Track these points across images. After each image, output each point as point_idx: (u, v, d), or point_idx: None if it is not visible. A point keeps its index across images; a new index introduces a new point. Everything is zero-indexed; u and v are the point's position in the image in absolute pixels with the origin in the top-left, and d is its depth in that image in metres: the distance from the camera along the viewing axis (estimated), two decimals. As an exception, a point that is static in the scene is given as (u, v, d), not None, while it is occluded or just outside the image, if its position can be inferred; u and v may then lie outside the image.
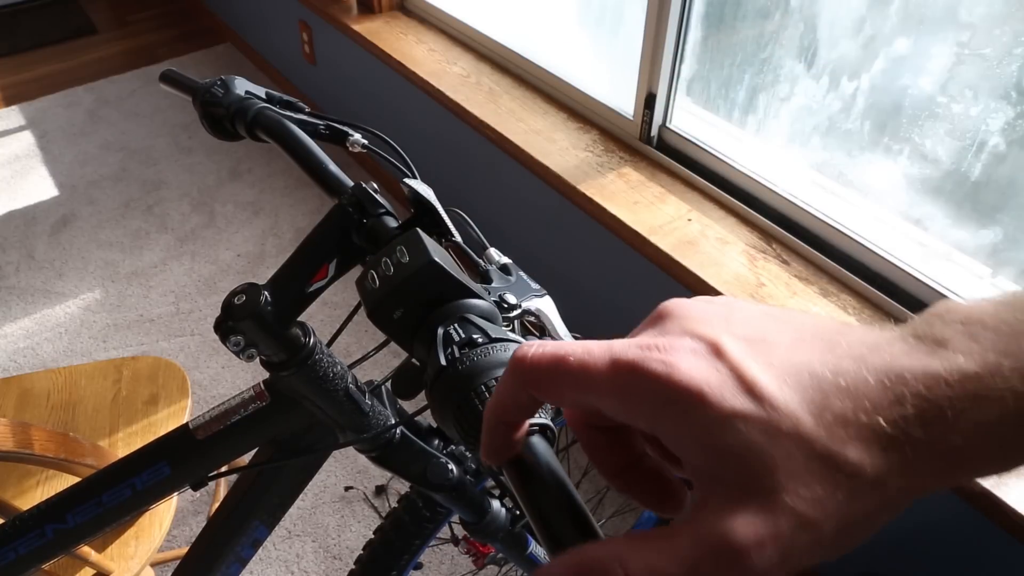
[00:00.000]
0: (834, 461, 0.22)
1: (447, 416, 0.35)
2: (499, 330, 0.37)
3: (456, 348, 0.35)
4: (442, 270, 0.39)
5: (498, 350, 0.35)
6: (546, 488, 0.29)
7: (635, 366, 0.24)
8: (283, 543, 1.54)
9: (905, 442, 0.23)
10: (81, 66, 3.12)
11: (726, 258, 1.23)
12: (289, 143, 0.62)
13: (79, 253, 2.25)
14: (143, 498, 0.57)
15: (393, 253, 0.39)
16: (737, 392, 0.23)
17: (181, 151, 2.64)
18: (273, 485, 0.65)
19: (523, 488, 0.30)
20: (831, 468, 0.22)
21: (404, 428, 0.63)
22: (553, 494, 0.29)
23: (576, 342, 0.26)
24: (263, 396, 0.57)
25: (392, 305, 0.38)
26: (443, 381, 0.35)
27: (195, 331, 2.00)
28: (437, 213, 0.54)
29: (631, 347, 0.25)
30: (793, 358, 0.24)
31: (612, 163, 1.45)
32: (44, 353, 1.94)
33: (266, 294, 0.49)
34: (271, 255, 2.23)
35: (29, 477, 1.11)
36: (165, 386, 1.26)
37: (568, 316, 0.55)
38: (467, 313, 0.38)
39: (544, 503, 0.29)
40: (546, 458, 0.31)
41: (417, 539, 0.85)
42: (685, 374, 0.23)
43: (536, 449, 0.31)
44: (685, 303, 0.27)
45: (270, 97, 0.68)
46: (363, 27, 1.97)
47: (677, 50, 1.34)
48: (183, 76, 0.72)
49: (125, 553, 1.05)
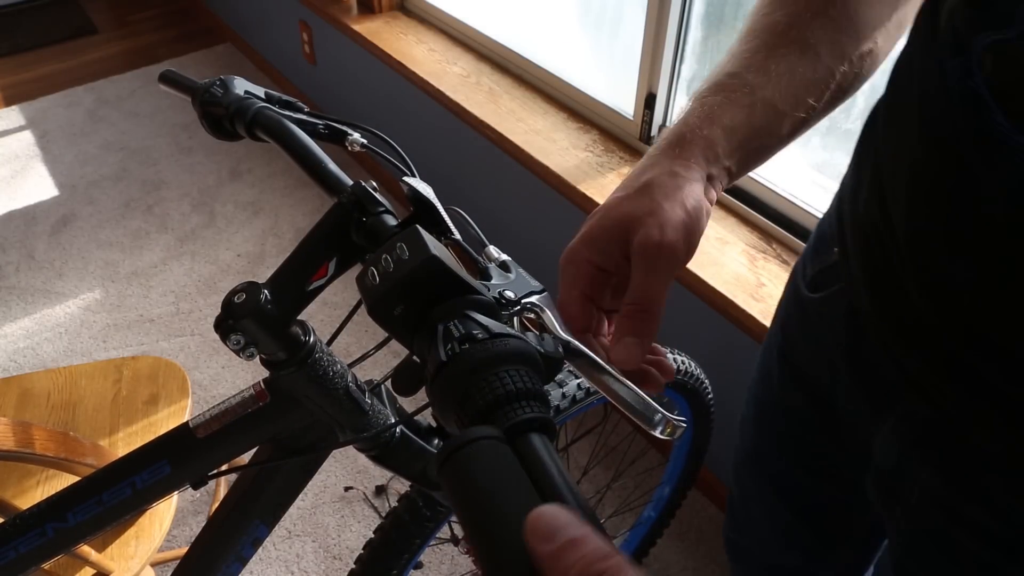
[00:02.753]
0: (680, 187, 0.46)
1: (448, 412, 0.35)
2: (500, 326, 0.37)
3: (456, 344, 0.35)
4: (442, 265, 0.39)
5: (498, 345, 0.35)
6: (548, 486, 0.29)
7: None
8: (283, 543, 1.54)
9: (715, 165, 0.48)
10: (81, 66, 3.12)
11: (726, 258, 1.23)
12: (288, 143, 0.62)
13: (79, 253, 2.25)
14: (143, 497, 0.57)
15: (393, 250, 0.39)
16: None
17: (181, 151, 2.65)
18: (273, 484, 0.65)
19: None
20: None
21: (404, 427, 0.63)
22: (556, 492, 0.29)
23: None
24: (263, 395, 0.57)
25: (393, 301, 0.38)
26: (443, 377, 0.35)
27: (195, 331, 2.00)
28: (436, 211, 0.54)
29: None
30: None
31: (612, 163, 1.45)
32: (44, 353, 1.94)
33: (266, 292, 0.49)
34: (271, 255, 2.23)
35: (29, 477, 1.11)
36: (165, 386, 1.26)
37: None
38: (467, 309, 0.38)
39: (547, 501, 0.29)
40: (548, 455, 0.31)
41: (417, 538, 0.85)
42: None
43: (537, 446, 0.31)
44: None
45: (269, 97, 0.68)
46: (363, 27, 1.97)
47: (677, 50, 1.34)
48: (182, 76, 0.72)
49: (125, 553, 1.05)
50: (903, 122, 0.46)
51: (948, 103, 0.40)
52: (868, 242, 0.51)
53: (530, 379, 0.35)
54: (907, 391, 0.52)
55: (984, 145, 0.38)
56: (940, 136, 0.42)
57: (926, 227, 0.44)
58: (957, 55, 0.39)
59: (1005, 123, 0.37)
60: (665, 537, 1.41)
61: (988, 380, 0.44)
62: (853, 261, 0.54)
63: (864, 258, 0.52)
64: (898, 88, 0.49)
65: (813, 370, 0.65)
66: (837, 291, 0.59)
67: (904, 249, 0.46)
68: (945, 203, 0.43)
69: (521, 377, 0.34)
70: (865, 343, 0.56)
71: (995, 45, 0.37)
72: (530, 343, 0.38)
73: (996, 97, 0.37)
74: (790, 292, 0.70)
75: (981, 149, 0.39)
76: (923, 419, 0.52)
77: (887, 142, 0.49)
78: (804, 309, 0.65)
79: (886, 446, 0.56)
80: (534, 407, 0.33)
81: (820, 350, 0.63)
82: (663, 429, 0.43)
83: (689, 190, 0.46)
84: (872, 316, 0.52)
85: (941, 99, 0.41)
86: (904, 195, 0.46)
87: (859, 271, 0.53)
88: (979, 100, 0.38)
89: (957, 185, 0.41)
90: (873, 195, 0.50)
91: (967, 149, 0.40)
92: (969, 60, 0.38)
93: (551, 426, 0.33)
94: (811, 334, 0.65)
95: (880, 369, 0.55)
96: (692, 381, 1.04)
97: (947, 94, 0.40)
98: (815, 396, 0.66)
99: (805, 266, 0.66)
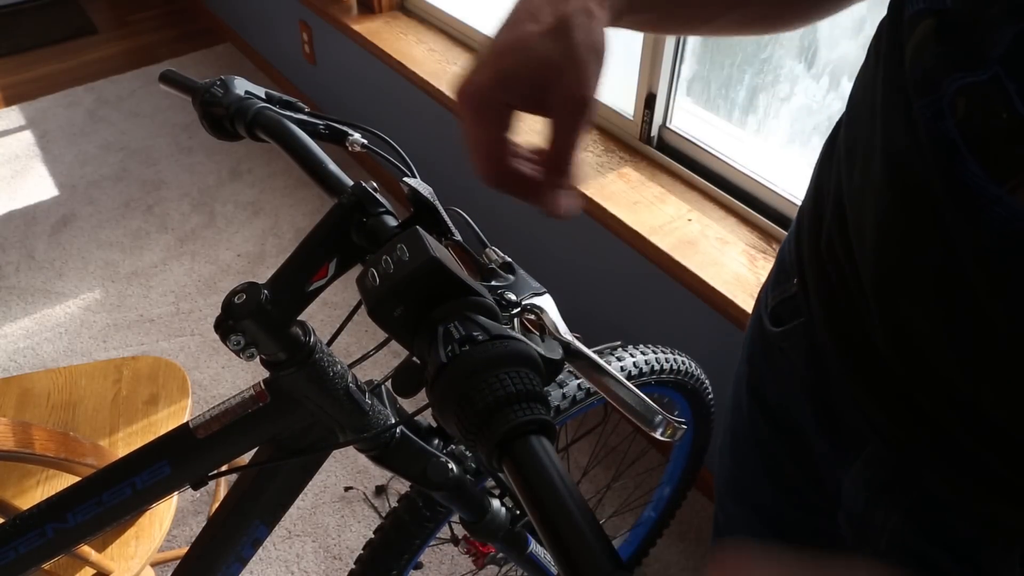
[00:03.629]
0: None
1: (447, 413, 0.35)
2: (499, 327, 0.37)
3: (456, 345, 0.35)
4: (443, 267, 0.39)
5: (499, 347, 0.35)
6: (547, 487, 0.29)
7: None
8: (283, 543, 1.54)
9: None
10: (81, 66, 3.12)
11: (726, 258, 1.23)
12: (289, 143, 0.62)
13: (79, 253, 2.25)
14: (143, 497, 0.57)
15: (394, 251, 0.39)
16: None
17: (181, 151, 2.65)
18: (273, 484, 0.65)
19: (525, 488, 0.30)
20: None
21: (404, 427, 0.63)
22: (555, 493, 0.29)
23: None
24: (263, 396, 0.57)
25: (393, 303, 0.38)
26: (443, 379, 0.35)
27: (195, 331, 2.00)
28: (437, 212, 0.54)
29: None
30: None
31: (612, 163, 1.45)
32: (44, 353, 1.94)
33: (266, 293, 0.49)
34: (271, 255, 2.23)
35: (29, 477, 1.11)
36: (165, 386, 1.26)
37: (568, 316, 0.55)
38: (467, 311, 0.38)
39: (546, 502, 0.29)
40: (548, 457, 0.31)
41: (417, 539, 0.85)
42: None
43: (537, 448, 0.31)
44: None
45: (269, 97, 0.67)
46: (363, 27, 1.97)
47: (677, 50, 1.34)
48: (182, 76, 0.72)
49: (125, 553, 1.05)
50: (867, 159, 0.44)
51: (917, 146, 0.37)
52: (830, 281, 0.49)
53: (530, 381, 0.35)
54: (871, 434, 0.50)
55: (957, 195, 0.36)
56: (910, 183, 0.39)
57: (895, 277, 0.42)
58: (925, 94, 0.36)
59: (979, 172, 0.34)
60: (665, 537, 1.41)
61: (953, 434, 0.43)
62: (813, 298, 0.52)
63: (825, 298, 0.50)
64: (859, 118, 0.46)
65: (779, 405, 0.63)
66: (799, 325, 0.57)
67: (872, 298, 0.44)
68: (917, 254, 0.40)
69: (521, 379, 0.34)
70: (827, 382, 0.54)
71: (967, 88, 0.34)
72: (530, 345, 0.38)
73: (969, 144, 0.34)
74: (755, 323, 0.66)
75: (955, 199, 0.36)
76: (888, 465, 0.51)
77: (850, 177, 0.47)
78: (767, 342, 0.62)
79: (853, 489, 0.54)
80: (534, 409, 0.33)
81: (786, 385, 0.61)
82: (663, 430, 0.43)
83: (601, 33, 0.42)
84: (834, 356, 0.51)
85: (909, 141, 0.38)
86: (872, 242, 0.43)
87: (820, 309, 0.51)
88: (951, 146, 0.35)
89: (929, 237, 0.39)
90: (837, 234, 0.48)
91: (939, 199, 0.37)
92: (940, 101, 0.35)
93: (551, 428, 0.33)
94: (776, 368, 0.62)
95: (843, 410, 0.53)
96: (692, 381, 1.04)
97: (916, 137, 0.37)
98: (785, 430, 0.63)
99: (767, 295, 0.63)
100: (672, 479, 1.27)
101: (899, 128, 0.40)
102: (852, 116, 0.48)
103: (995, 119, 0.33)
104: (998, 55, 0.33)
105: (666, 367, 0.98)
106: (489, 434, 0.32)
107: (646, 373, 0.95)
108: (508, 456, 0.32)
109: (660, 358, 0.97)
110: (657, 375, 0.97)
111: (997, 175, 0.34)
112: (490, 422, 0.33)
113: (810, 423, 0.59)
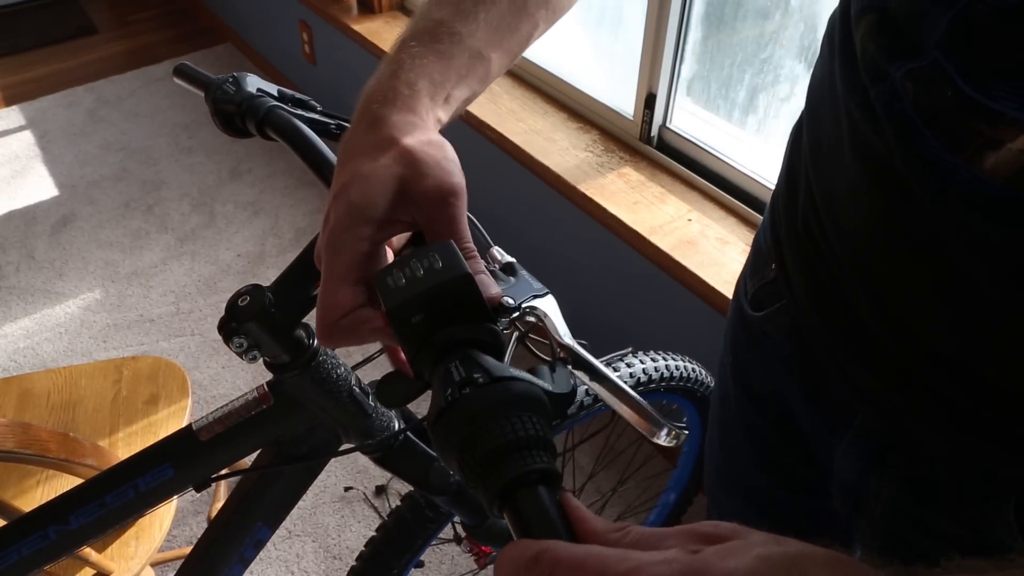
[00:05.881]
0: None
1: (450, 458, 0.34)
2: (501, 367, 0.36)
3: (456, 389, 0.34)
4: (474, 287, 0.38)
5: (500, 391, 0.34)
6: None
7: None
8: (283, 543, 1.54)
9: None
10: (81, 66, 3.12)
11: (726, 258, 1.23)
12: (298, 143, 0.61)
13: (79, 253, 2.25)
14: (146, 499, 0.57)
15: (424, 257, 0.38)
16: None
17: (181, 151, 2.64)
18: (275, 486, 0.65)
19: (524, 537, 0.29)
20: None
21: (408, 431, 0.63)
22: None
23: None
24: (266, 398, 0.58)
25: (415, 308, 0.37)
26: (443, 423, 0.34)
27: (195, 331, 2.00)
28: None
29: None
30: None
31: (612, 163, 1.45)
32: (44, 353, 1.94)
33: (270, 296, 0.50)
34: (271, 255, 2.23)
35: (29, 477, 1.11)
36: (165, 386, 1.26)
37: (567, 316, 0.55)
38: (470, 348, 0.37)
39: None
40: (549, 509, 0.30)
41: (419, 538, 0.86)
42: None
43: (537, 500, 0.30)
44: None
45: (282, 95, 0.67)
46: (363, 27, 1.97)
47: (677, 50, 1.34)
48: (197, 71, 0.71)
49: (125, 553, 1.05)
50: (832, 146, 0.46)
51: (878, 128, 0.40)
52: (810, 263, 0.51)
53: (533, 426, 0.33)
54: (861, 405, 0.51)
55: (921, 170, 0.39)
56: (876, 163, 0.42)
57: (874, 253, 0.44)
58: (879, 81, 0.39)
59: (938, 146, 0.37)
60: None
61: (941, 392, 0.44)
62: (795, 280, 0.53)
63: (808, 279, 0.52)
64: (821, 106, 0.49)
65: (766, 389, 0.64)
66: (780, 308, 0.58)
67: (850, 273, 0.46)
68: (892, 229, 0.43)
69: (523, 425, 0.33)
70: (813, 359, 0.55)
71: (912, 72, 0.37)
72: (535, 383, 0.36)
73: (925, 120, 0.37)
74: (735, 312, 0.68)
75: (919, 174, 0.39)
76: (880, 433, 0.52)
77: (816, 163, 0.49)
78: (749, 328, 0.64)
79: (846, 462, 0.56)
80: (536, 458, 0.32)
81: (770, 369, 0.62)
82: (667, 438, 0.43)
83: (429, 130, 0.45)
84: (820, 333, 0.52)
85: (871, 123, 0.41)
86: (848, 223, 0.46)
87: (803, 290, 0.53)
88: (910, 124, 0.38)
89: (901, 212, 0.41)
90: (812, 215, 0.50)
91: (905, 176, 0.40)
92: (893, 85, 0.38)
93: (553, 476, 0.31)
94: (759, 353, 0.64)
95: (832, 385, 0.55)
96: (701, 389, 1.04)
97: (876, 119, 0.40)
98: (773, 414, 0.65)
99: (745, 283, 0.64)
100: (678, 485, 1.26)
101: (859, 112, 0.42)
102: (814, 105, 0.50)
103: (942, 98, 0.36)
104: (934, 42, 0.36)
105: (676, 374, 0.98)
106: (489, 484, 0.31)
107: (655, 380, 0.94)
108: (508, 506, 0.31)
109: (670, 365, 0.97)
110: (666, 382, 0.96)
111: (952, 147, 0.36)
112: (490, 471, 0.32)
113: (798, 402, 0.60)
